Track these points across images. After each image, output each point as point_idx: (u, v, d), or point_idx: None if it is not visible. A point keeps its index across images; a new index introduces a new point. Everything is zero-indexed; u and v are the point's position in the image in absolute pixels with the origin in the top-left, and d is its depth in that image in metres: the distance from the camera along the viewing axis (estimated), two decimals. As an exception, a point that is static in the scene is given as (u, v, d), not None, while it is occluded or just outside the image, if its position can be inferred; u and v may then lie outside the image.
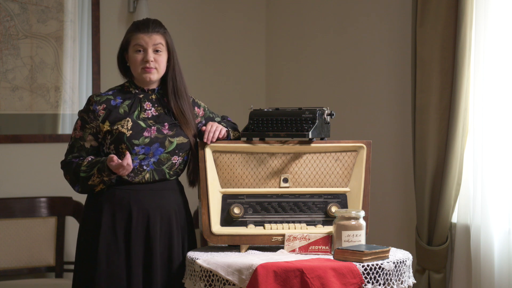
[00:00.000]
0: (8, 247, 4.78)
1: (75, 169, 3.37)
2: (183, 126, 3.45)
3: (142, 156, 3.36)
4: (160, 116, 3.44)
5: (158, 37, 3.41)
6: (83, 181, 3.36)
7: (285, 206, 3.47)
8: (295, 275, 3.10)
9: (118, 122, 3.37)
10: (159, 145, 3.38)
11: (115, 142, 3.36)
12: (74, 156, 3.41)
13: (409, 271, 3.31)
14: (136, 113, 3.41)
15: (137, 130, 3.36)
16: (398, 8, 4.60)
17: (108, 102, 3.40)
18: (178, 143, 3.42)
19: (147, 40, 3.39)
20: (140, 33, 3.40)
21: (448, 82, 4.13)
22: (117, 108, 3.40)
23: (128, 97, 3.44)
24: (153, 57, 3.39)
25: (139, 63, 3.39)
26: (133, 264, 3.33)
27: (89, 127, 3.40)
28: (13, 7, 4.90)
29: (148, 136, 3.37)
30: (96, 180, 3.34)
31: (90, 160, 3.36)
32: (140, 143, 3.35)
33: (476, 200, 4.02)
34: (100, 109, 3.39)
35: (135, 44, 3.39)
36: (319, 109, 3.48)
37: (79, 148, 3.41)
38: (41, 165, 4.97)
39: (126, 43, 3.43)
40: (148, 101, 3.45)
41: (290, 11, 5.38)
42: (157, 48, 3.40)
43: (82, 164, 3.36)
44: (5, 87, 4.90)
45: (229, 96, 5.48)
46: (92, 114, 3.39)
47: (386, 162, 4.65)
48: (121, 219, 3.35)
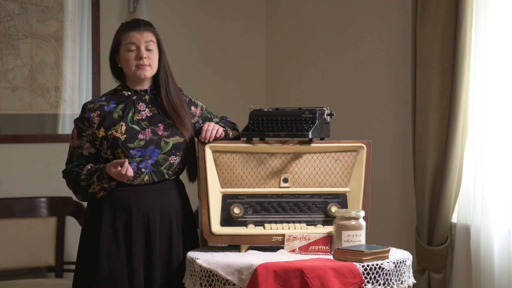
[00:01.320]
0: (8, 247, 4.78)
1: (75, 178, 3.39)
2: (178, 125, 3.44)
3: (139, 159, 3.36)
4: (154, 117, 3.44)
5: (150, 34, 3.42)
6: (84, 189, 3.38)
7: (285, 206, 3.47)
8: (295, 275, 3.10)
9: (113, 127, 3.37)
10: (155, 146, 3.38)
11: (111, 147, 3.36)
12: (74, 165, 3.43)
13: (409, 271, 3.31)
14: (130, 115, 3.40)
15: (132, 133, 3.36)
16: (398, 8, 4.60)
17: (101, 109, 3.41)
18: (174, 143, 3.41)
19: (139, 37, 3.39)
20: (131, 31, 3.40)
21: (448, 82, 4.13)
22: (111, 113, 3.40)
23: (121, 101, 3.44)
24: (146, 54, 3.39)
25: (132, 61, 3.39)
26: (133, 264, 3.34)
27: (85, 135, 3.41)
28: (13, 7, 4.90)
29: (143, 139, 3.37)
30: (97, 187, 3.35)
31: (90, 168, 3.37)
32: (135, 146, 3.35)
33: (476, 200, 4.02)
34: (94, 116, 3.39)
35: (127, 43, 3.39)
36: (319, 109, 3.48)
37: (78, 156, 3.43)
38: (41, 165, 4.97)
39: (116, 44, 3.43)
40: (142, 102, 3.45)
41: (290, 11, 5.38)
42: (149, 45, 3.41)
43: (82, 173, 3.37)
44: (5, 87, 4.90)
45: (229, 96, 5.48)
46: (87, 122, 3.40)
47: (386, 162, 4.65)
48: (121, 219, 3.36)
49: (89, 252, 3.37)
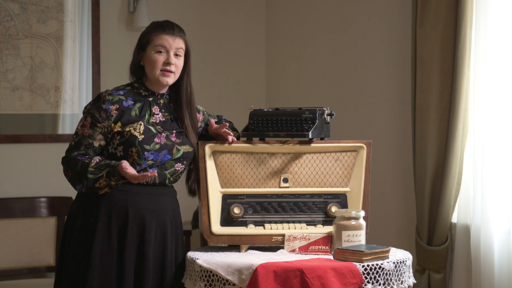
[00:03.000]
0: (8, 247, 4.78)
1: (81, 168, 3.29)
2: (189, 135, 3.43)
3: (151, 162, 3.33)
4: (167, 123, 3.41)
5: (181, 41, 3.38)
6: (90, 182, 3.29)
7: (285, 206, 3.47)
8: (295, 275, 3.10)
9: (131, 124, 3.31)
10: (167, 152, 3.36)
11: (125, 144, 3.30)
12: (80, 154, 3.33)
13: (409, 271, 3.32)
14: (147, 117, 3.36)
15: (149, 135, 3.32)
16: (398, 8, 4.60)
17: (120, 103, 3.34)
18: (184, 152, 3.40)
19: (171, 42, 3.35)
20: (165, 34, 3.35)
21: (448, 82, 4.13)
22: (129, 110, 3.34)
23: (138, 100, 3.38)
24: (174, 60, 3.36)
25: (159, 64, 3.34)
26: (125, 266, 3.30)
27: (100, 126, 3.32)
28: (13, 7, 4.90)
29: (158, 143, 3.33)
30: (103, 183, 3.28)
31: (98, 161, 3.29)
32: (151, 148, 3.31)
33: (476, 200, 4.02)
34: (113, 109, 3.32)
35: (158, 45, 3.34)
36: (319, 109, 3.48)
37: (87, 146, 3.33)
38: (41, 165, 4.97)
39: (146, 42, 3.37)
40: (156, 105, 3.41)
41: (290, 11, 5.38)
42: (178, 52, 3.36)
43: (90, 165, 3.28)
44: (5, 87, 4.90)
45: (229, 96, 5.48)
46: (104, 113, 3.32)
47: (386, 162, 4.65)
48: (117, 220, 3.32)
49: (82, 247, 3.30)
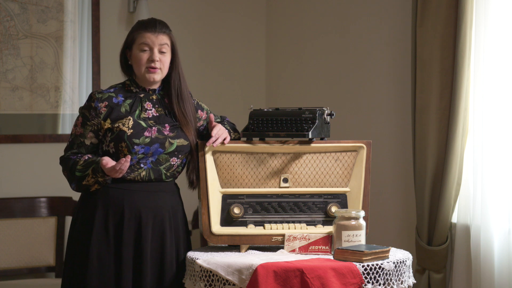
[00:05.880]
0: (8, 247, 4.78)
1: (71, 167, 3.36)
2: (184, 128, 3.44)
3: (141, 156, 3.35)
4: (161, 117, 3.43)
5: (165, 37, 3.41)
6: (78, 180, 3.35)
7: (285, 206, 3.47)
8: (295, 275, 3.10)
9: (119, 120, 3.35)
10: (159, 145, 3.37)
11: (115, 140, 3.34)
12: (73, 153, 3.40)
13: (409, 271, 3.32)
14: (137, 113, 3.40)
15: (138, 129, 3.35)
16: (398, 8, 4.60)
17: (110, 100, 3.39)
18: (178, 145, 3.41)
19: (154, 39, 3.38)
20: (147, 32, 3.38)
21: (448, 82, 4.13)
22: (119, 107, 3.39)
23: (129, 96, 3.43)
24: (158, 57, 3.39)
25: (144, 62, 3.38)
26: (123, 265, 3.31)
27: (90, 124, 3.38)
28: (13, 7, 4.90)
29: (148, 136, 3.36)
30: (91, 180, 3.32)
31: (87, 159, 3.34)
32: (140, 142, 3.34)
33: (476, 200, 4.02)
34: (102, 106, 3.37)
35: (141, 43, 3.38)
36: (319, 109, 3.48)
37: (79, 144, 3.40)
38: (41, 165, 4.97)
39: (131, 41, 3.42)
40: (149, 101, 3.44)
41: (290, 11, 5.38)
42: (163, 48, 3.40)
43: (79, 163, 3.34)
44: (5, 87, 4.90)
45: (229, 96, 5.48)
46: (93, 111, 3.38)
47: (386, 162, 4.65)
48: (114, 218, 3.33)
49: (80, 247, 3.33)
